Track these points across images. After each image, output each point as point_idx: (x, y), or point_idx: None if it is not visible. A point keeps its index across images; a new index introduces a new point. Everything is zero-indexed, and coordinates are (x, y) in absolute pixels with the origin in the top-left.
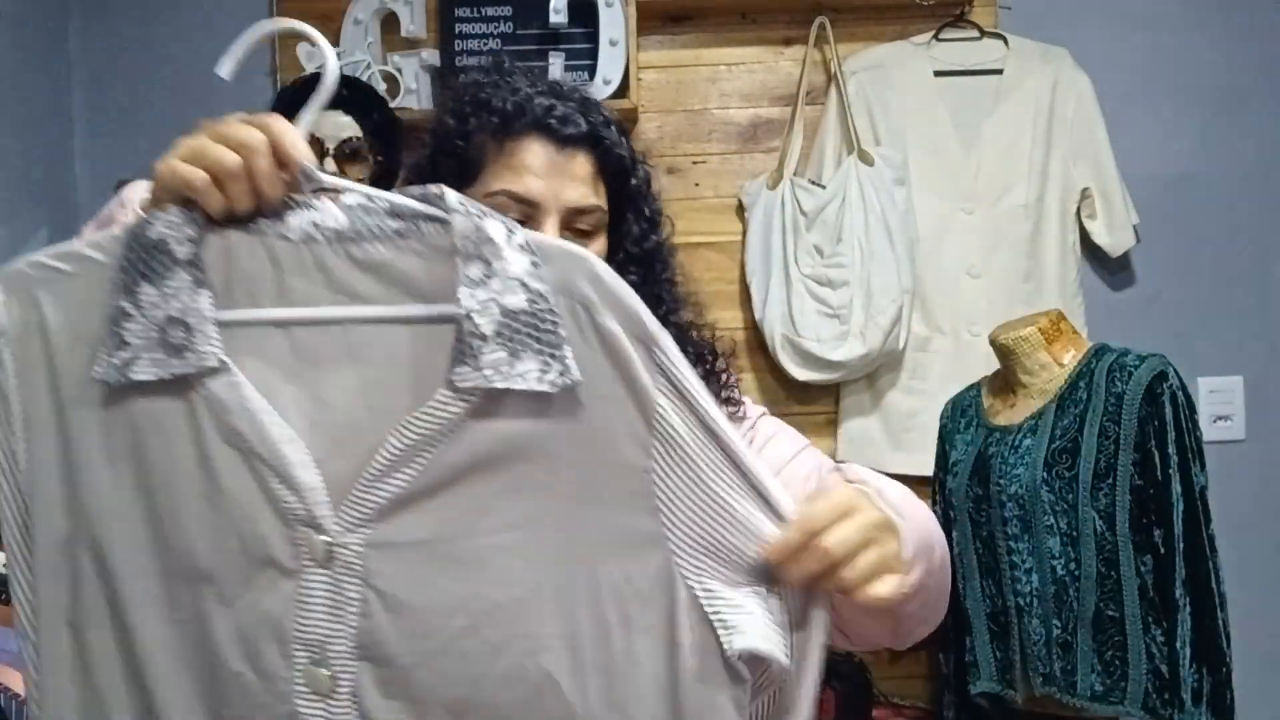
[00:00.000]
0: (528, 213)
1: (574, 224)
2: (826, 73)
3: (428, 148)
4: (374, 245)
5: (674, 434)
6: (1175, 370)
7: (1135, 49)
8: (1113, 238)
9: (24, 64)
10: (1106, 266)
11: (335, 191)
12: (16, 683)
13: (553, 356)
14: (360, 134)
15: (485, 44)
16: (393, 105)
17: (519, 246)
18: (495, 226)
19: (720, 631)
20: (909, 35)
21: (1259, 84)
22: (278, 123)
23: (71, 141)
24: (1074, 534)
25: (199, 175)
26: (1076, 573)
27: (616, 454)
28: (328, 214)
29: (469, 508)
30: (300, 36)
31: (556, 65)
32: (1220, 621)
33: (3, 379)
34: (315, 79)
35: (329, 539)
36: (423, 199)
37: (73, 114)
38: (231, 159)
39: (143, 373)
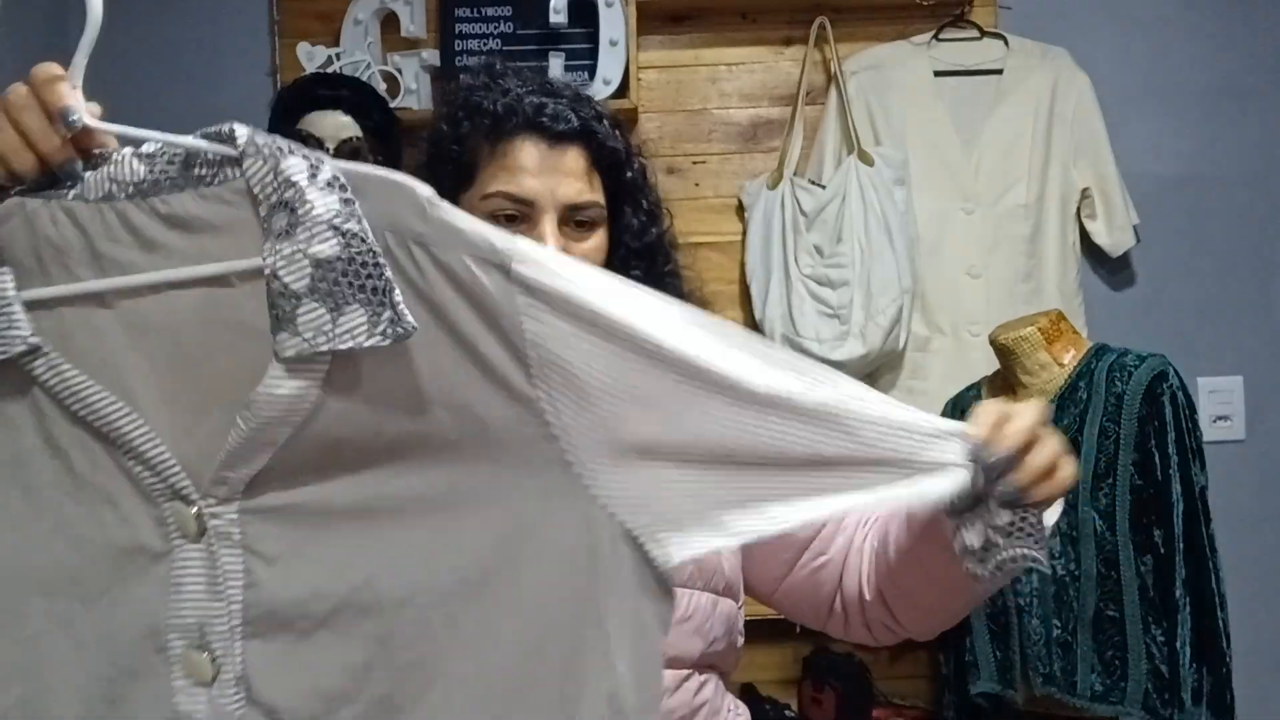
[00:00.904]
0: (524, 211)
1: (571, 220)
2: (826, 73)
3: (424, 154)
4: (178, 197)
5: (554, 354)
6: (1175, 370)
7: (1135, 49)
8: (1113, 238)
9: (24, 64)
10: (1106, 266)
11: (135, 143)
12: None
13: (380, 304)
14: (360, 134)
15: (485, 44)
16: (393, 105)
17: (325, 184)
18: (296, 164)
19: (650, 548)
20: (909, 35)
21: (1259, 84)
22: (41, 70)
23: None
24: (1074, 534)
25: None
26: (1076, 573)
27: (490, 392)
28: (125, 167)
29: (346, 470)
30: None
31: (556, 65)
32: (1220, 621)
33: None
34: (315, 79)
35: (198, 510)
36: (215, 138)
37: None
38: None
39: None
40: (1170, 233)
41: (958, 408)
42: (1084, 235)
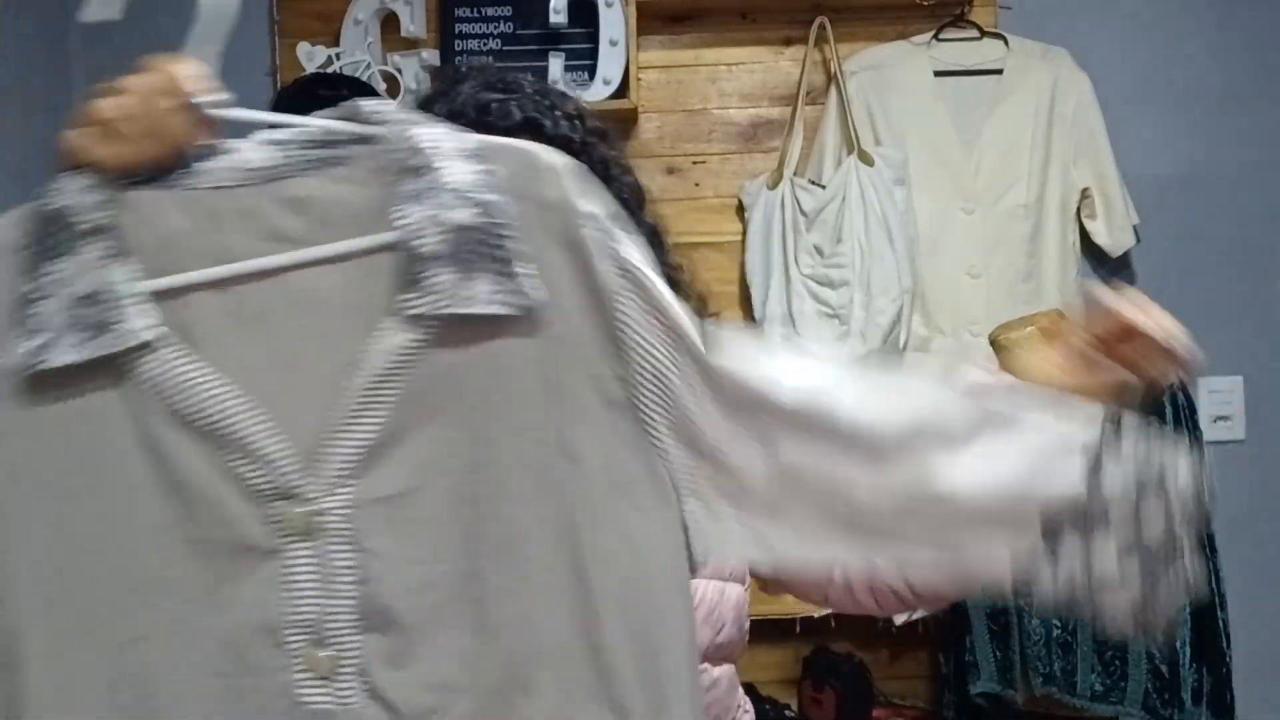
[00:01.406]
0: None
1: None
2: (826, 73)
3: None
4: (300, 180)
5: (639, 339)
6: None
7: (1135, 49)
8: (1113, 238)
9: (24, 64)
10: (1106, 266)
11: (255, 127)
12: None
13: (506, 274)
14: None
15: (485, 44)
16: None
17: (461, 153)
18: (431, 133)
19: (693, 541)
20: (909, 35)
21: (1259, 84)
22: (168, 60)
23: None
24: None
25: (78, 134)
26: None
27: (590, 370)
28: (246, 154)
29: (446, 449)
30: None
31: (556, 65)
32: (1220, 621)
33: None
34: (315, 79)
35: (307, 508)
36: (347, 117)
37: (73, 114)
38: (109, 104)
39: (59, 358)
40: (1170, 233)
41: None
42: (1084, 235)
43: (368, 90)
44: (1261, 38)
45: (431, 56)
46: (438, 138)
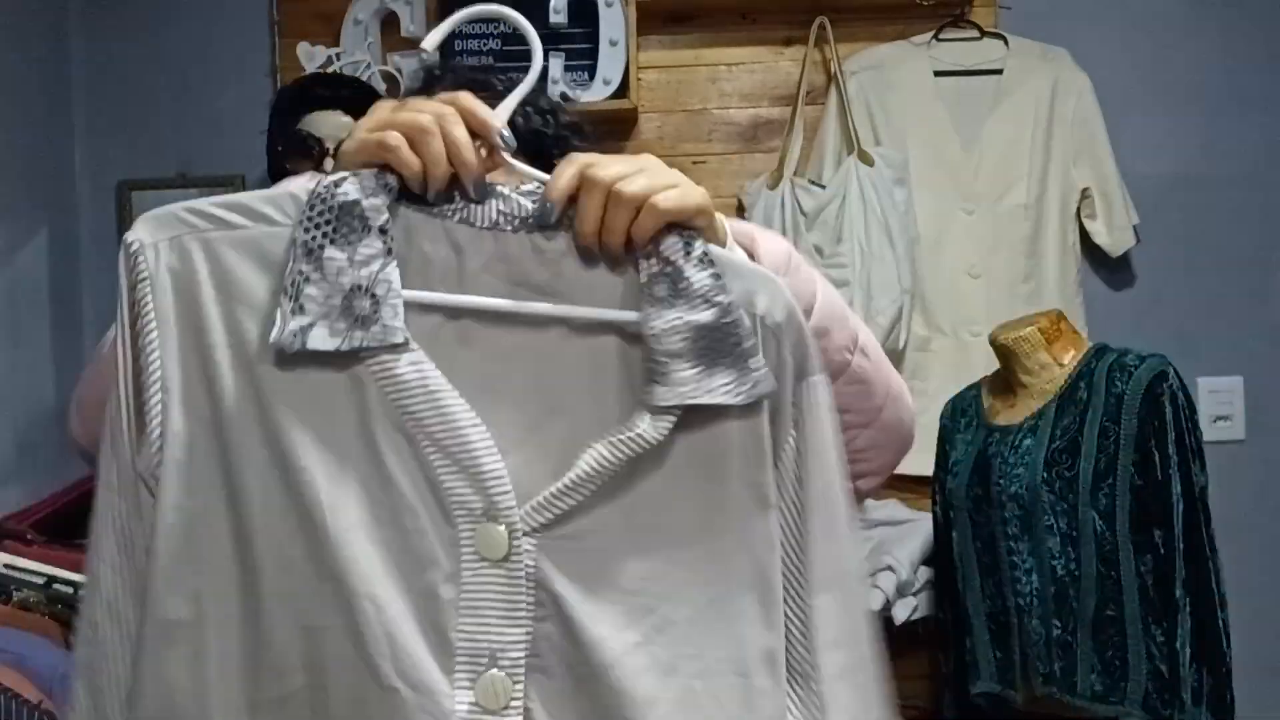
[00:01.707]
0: None
1: None
2: (826, 73)
3: None
4: (559, 239)
5: (794, 474)
6: (1175, 370)
7: (1135, 49)
8: (1113, 238)
9: (24, 64)
10: (1106, 266)
11: (522, 180)
12: (16, 683)
13: (745, 367)
14: None
15: (485, 44)
16: None
17: (698, 260)
18: (672, 242)
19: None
20: (909, 35)
21: (1259, 84)
22: (465, 96)
23: (71, 141)
24: (1074, 534)
25: (392, 134)
26: (1076, 573)
27: (759, 476)
28: (514, 202)
29: (646, 517)
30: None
31: (556, 65)
32: (1220, 621)
33: (142, 330)
34: (315, 79)
35: (506, 536)
36: None
37: (73, 114)
38: (426, 118)
39: (321, 341)
40: (1170, 233)
41: (957, 408)
42: (1084, 235)
43: (368, 90)
44: (1262, 37)
45: (431, 57)
46: (680, 246)
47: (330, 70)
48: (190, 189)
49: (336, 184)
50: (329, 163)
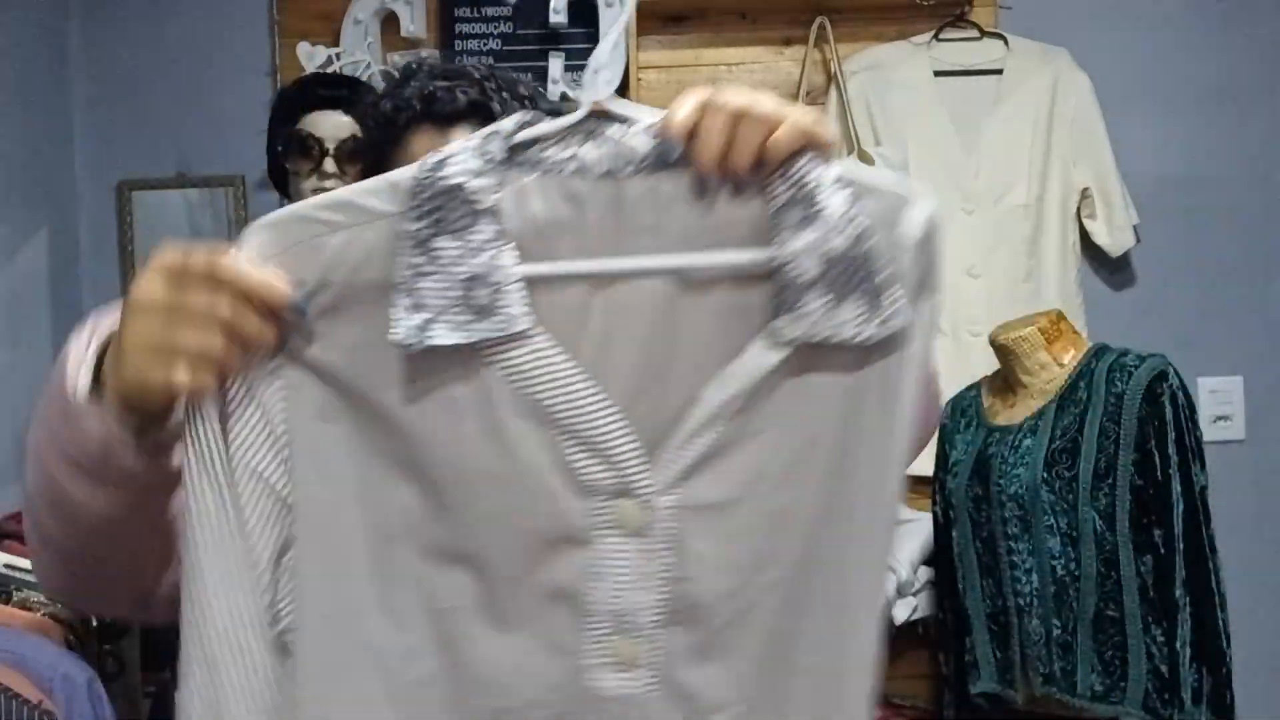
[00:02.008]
0: None
1: None
2: (826, 73)
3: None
4: (676, 179)
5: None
6: (1175, 370)
7: (1135, 49)
8: (1113, 238)
9: (24, 64)
10: (1106, 266)
11: (621, 120)
12: (16, 683)
13: (877, 300)
14: (360, 133)
15: (485, 44)
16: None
17: (834, 182)
18: (807, 166)
19: None
20: (909, 35)
21: (1259, 84)
22: (237, 270)
23: (71, 141)
24: (1074, 534)
25: (178, 377)
26: (1076, 573)
27: (885, 416)
28: (627, 145)
29: (767, 463)
30: None
31: (556, 65)
32: (1220, 621)
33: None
34: (315, 79)
35: (640, 506)
36: None
37: (73, 114)
38: (207, 344)
39: (443, 337)
40: (1170, 233)
41: (957, 408)
42: (1084, 235)
43: (368, 90)
44: (1262, 37)
45: (432, 56)
46: (816, 168)
47: (330, 70)
48: (190, 189)
49: (438, 165)
50: (329, 163)
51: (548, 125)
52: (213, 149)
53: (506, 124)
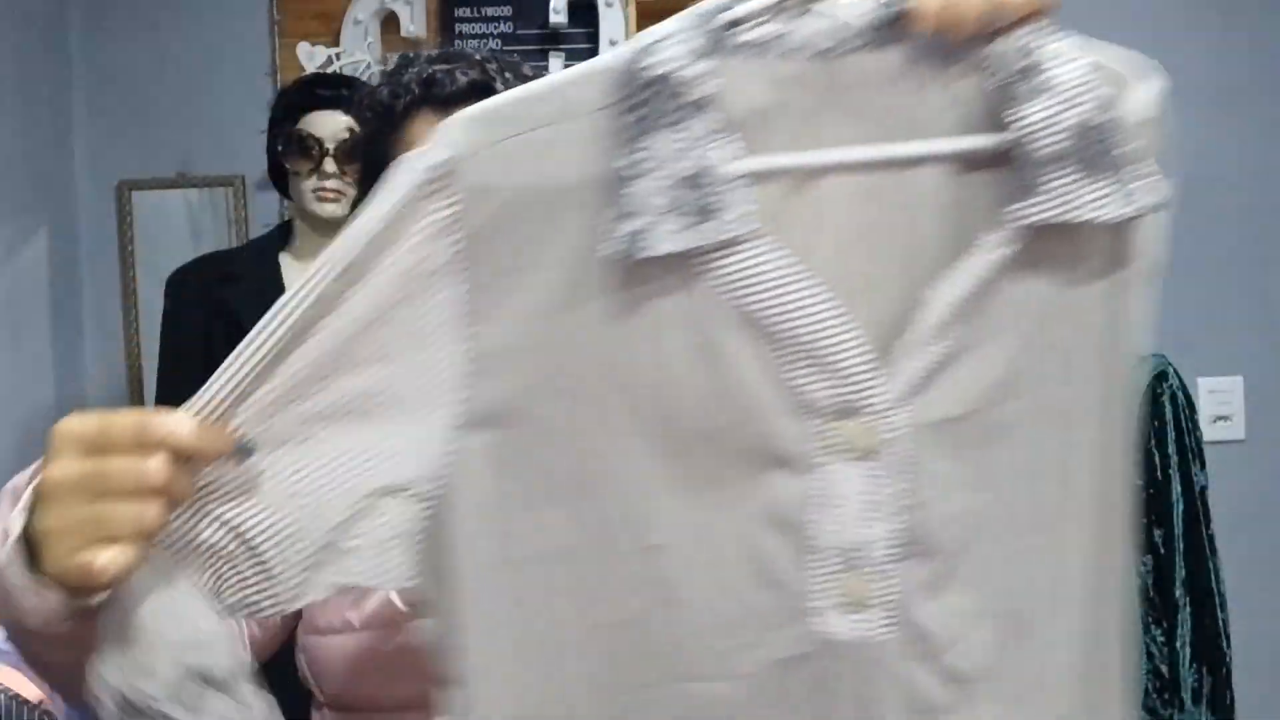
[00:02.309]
0: None
1: None
2: None
3: (359, 189)
4: (896, 60)
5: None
6: (1175, 370)
7: (1134, 49)
8: None
9: (24, 64)
10: None
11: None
12: (16, 683)
13: (1123, 178)
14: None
15: (485, 44)
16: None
17: (1066, 53)
18: (1036, 36)
19: None
20: None
21: (1259, 84)
22: (169, 430)
23: (71, 141)
24: None
25: (111, 562)
26: None
27: (1126, 312)
28: (839, 21)
29: (999, 372)
30: None
31: (556, 65)
32: (1220, 621)
33: (451, 255)
34: (315, 79)
35: (869, 426)
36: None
37: (73, 114)
38: (141, 518)
39: (659, 245)
40: (1170, 233)
41: None
42: None
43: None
44: (1262, 37)
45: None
46: (1042, 36)
47: (330, 70)
48: (190, 189)
49: (646, 52)
50: (329, 163)
51: (754, 2)
52: (213, 149)
53: (710, 3)
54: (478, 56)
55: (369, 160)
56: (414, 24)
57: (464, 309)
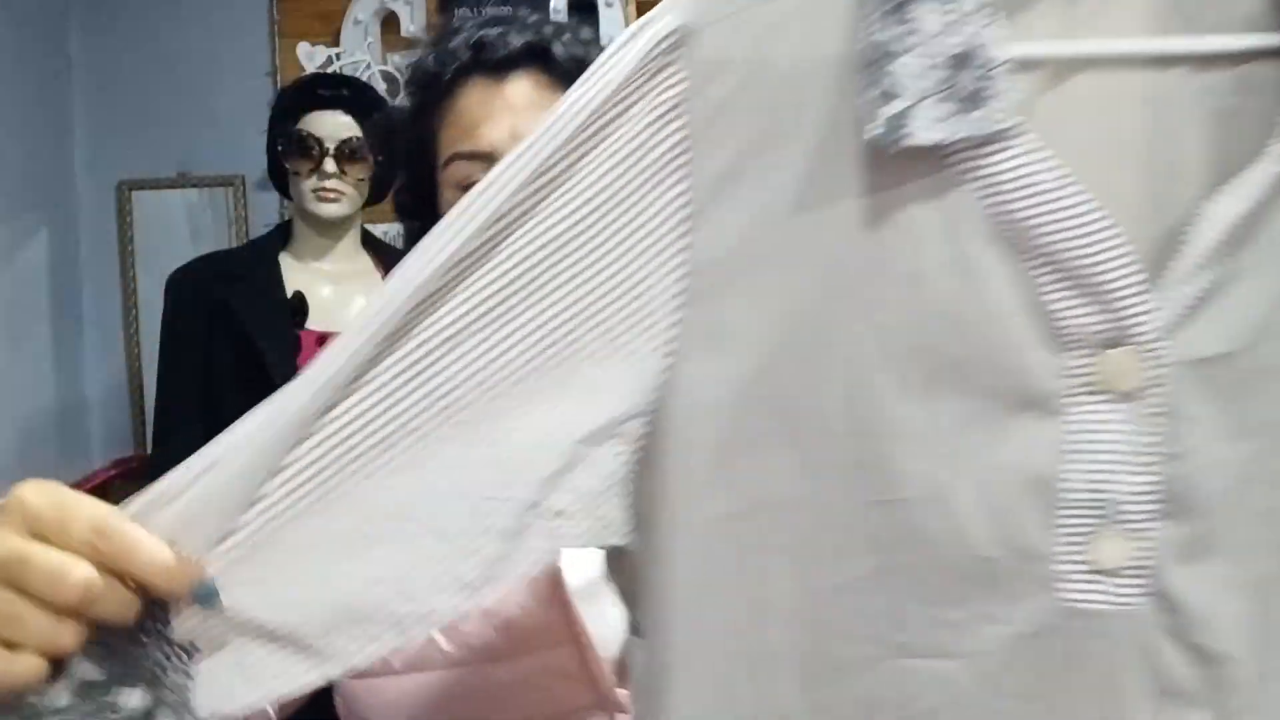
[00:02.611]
0: (487, 169)
1: None
2: None
3: (400, 161)
4: None
5: None
6: None
7: None
8: None
9: (24, 64)
10: None
11: None
12: None
13: None
14: (360, 134)
15: None
16: (393, 105)
17: None
18: None
19: None
20: None
21: None
22: (123, 539)
23: (71, 141)
24: None
25: (18, 668)
26: None
27: None
28: None
29: (1265, 305)
30: None
31: None
32: None
33: (673, 146)
34: (315, 79)
35: (1134, 360)
36: None
37: (73, 114)
38: (51, 637)
39: (923, 133)
40: None
41: None
42: None
43: (368, 90)
44: None
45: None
46: None
47: (330, 70)
48: (190, 189)
49: None
50: (329, 163)
51: None
52: (213, 149)
53: None
54: (530, 18)
55: (414, 139)
56: (414, 24)
57: (683, 212)
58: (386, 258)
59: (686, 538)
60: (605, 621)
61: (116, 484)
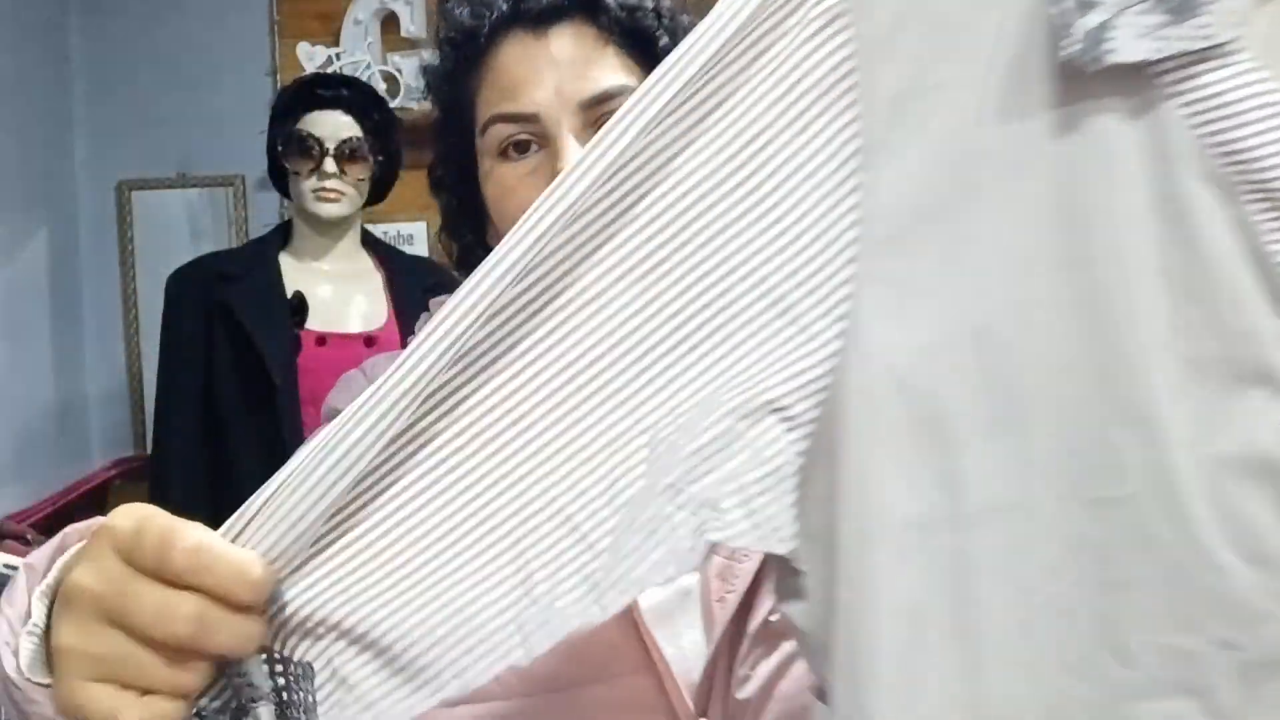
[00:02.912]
0: (532, 131)
1: (600, 121)
2: None
3: (435, 127)
4: None
5: None
6: None
7: None
8: None
9: (24, 64)
10: None
11: None
12: None
13: None
14: (360, 134)
15: None
16: (393, 105)
17: None
18: None
19: None
20: None
21: None
22: (205, 558)
23: (71, 141)
24: None
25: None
26: None
27: None
28: None
29: None
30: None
31: None
32: None
33: (834, 69)
34: (315, 79)
35: None
36: None
37: (73, 114)
38: (174, 680)
39: (1127, 48)
40: None
41: None
42: None
43: (368, 90)
44: None
45: (432, 57)
46: None
47: (330, 70)
48: (190, 189)
49: None
50: (329, 163)
51: None
52: (213, 149)
53: None
54: None
55: (450, 103)
56: (414, 24)
57: (852, 145)
58: (386, 258)
59: (878, 553)
60: (681, 645)
61: (116, 484)
